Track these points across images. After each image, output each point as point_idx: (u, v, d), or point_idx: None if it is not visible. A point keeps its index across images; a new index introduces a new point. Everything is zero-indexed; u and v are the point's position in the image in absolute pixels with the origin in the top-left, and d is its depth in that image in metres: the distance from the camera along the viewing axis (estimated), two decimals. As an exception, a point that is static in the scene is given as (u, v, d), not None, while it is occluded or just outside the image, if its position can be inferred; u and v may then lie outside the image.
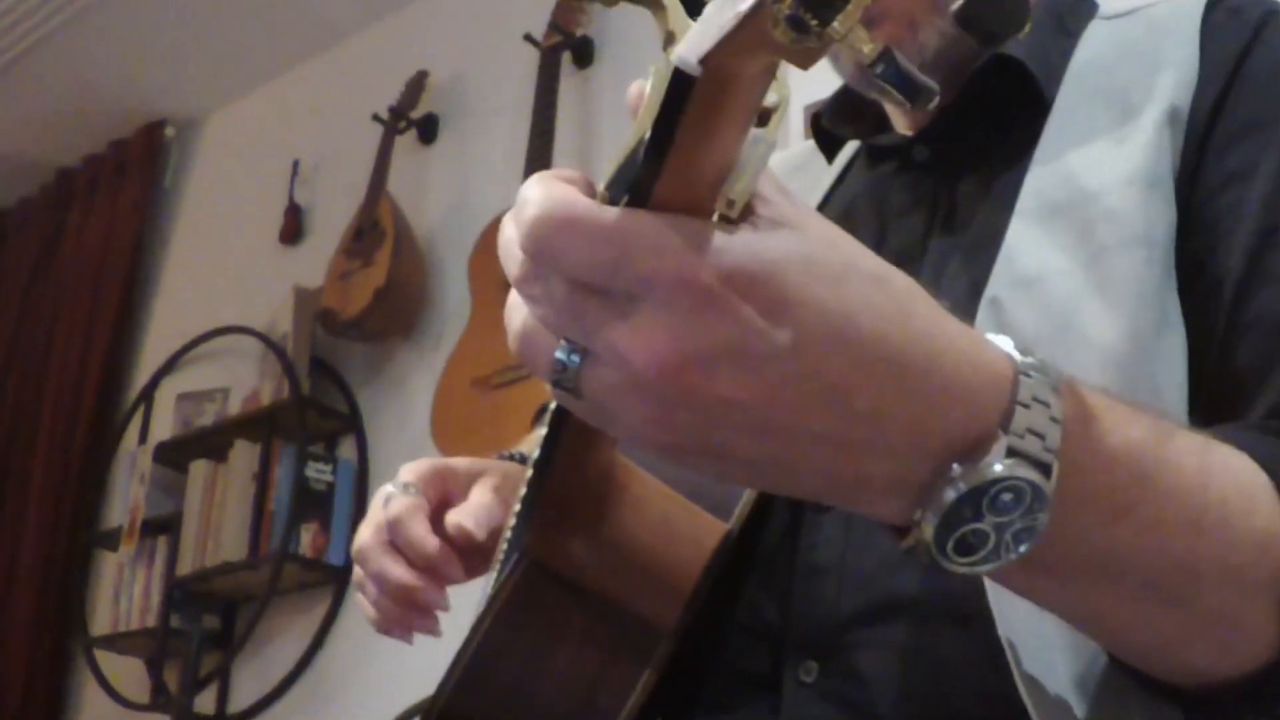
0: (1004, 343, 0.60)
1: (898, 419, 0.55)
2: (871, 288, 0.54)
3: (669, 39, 0.52)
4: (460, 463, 1.07)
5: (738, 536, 0.87)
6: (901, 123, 1.14)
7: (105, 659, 4.12)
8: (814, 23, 0.45)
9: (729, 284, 0.51)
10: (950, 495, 0.57)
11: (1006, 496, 0.57)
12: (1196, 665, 0.70)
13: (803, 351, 0.52)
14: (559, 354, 0.55)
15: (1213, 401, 0.86)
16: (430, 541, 1.00)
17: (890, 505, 0.60)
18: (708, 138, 0.51)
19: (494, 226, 3.43)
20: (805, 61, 0.48)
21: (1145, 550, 0.64)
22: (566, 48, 3.66)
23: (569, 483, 0.81)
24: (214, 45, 4.61)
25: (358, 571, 1.05)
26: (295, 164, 4.47)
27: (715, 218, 0.53)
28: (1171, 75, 0.95)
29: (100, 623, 4.15)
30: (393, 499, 1.02)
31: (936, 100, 0.48)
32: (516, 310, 0.57)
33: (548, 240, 0.52)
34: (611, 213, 0.52)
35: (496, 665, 0.81)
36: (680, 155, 0.51)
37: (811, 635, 0.89)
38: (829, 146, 1.20)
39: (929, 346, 0.56)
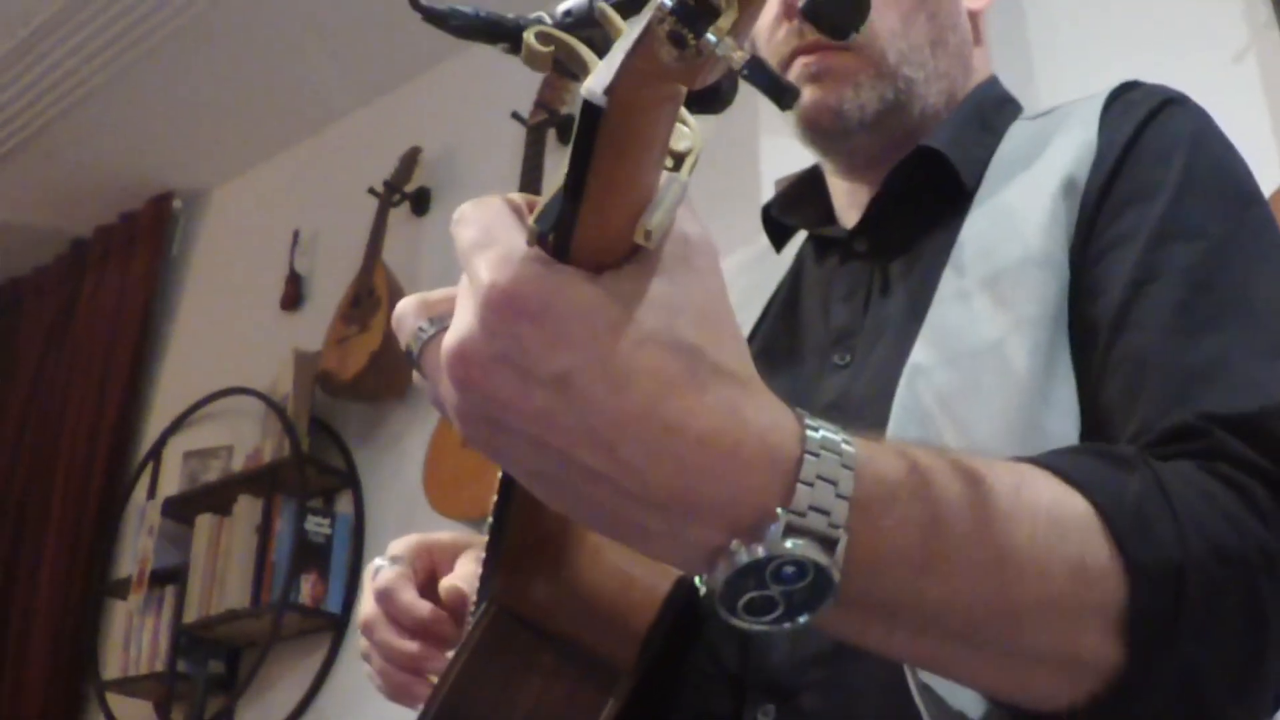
0: (799, 421, 0.60)
1: (664, 479, 0.56)
2: (669, 357, 0.56)
3: None
4: (444, 537, 1.09)
5: (695, 583, 0.90)
6: (844, 212, 1.20)
7: (116, 701, 4.10)
8: (690, 36, 0.49)
9: (526, 309, 0.55)
10: (733, 564, 0.57)
11: (789, 569, 0.57)
12: (1041, 694, 0.69)
13: (571, 389, 0.55)
14: (422, 321, 0.63)
15: (1090, 438, 0.89)
16: (420, 605, 1.02)
17: (679, 561, 0.61)
18: (621, 165, 0.53)
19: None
20: (692, 79, 0.52)
21: (956, 597, 0.63)
22: (551, 125, 3.69)
23: (527, 534, 0.83)
24: (219, 123, 4.65)
25: (364, 642, 1.06)
26: (295, 234, 4.49)
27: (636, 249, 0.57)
28: (1071, 153, 1.01)
29: (111, 667, 4.14)
30: (381, 570, 1.04)
31: (800, 100, 0.53)
32: (407, 300, 0.66)
33: (460, 219, 0.59)
34: (498, 216, 0.58)
35: (468, 704, 0.82)
36: (596, 184, 0.53)
37: (769, 680, 0.91)
38: (778, 236, 1.25)
39: (711, 422, 0.56)
